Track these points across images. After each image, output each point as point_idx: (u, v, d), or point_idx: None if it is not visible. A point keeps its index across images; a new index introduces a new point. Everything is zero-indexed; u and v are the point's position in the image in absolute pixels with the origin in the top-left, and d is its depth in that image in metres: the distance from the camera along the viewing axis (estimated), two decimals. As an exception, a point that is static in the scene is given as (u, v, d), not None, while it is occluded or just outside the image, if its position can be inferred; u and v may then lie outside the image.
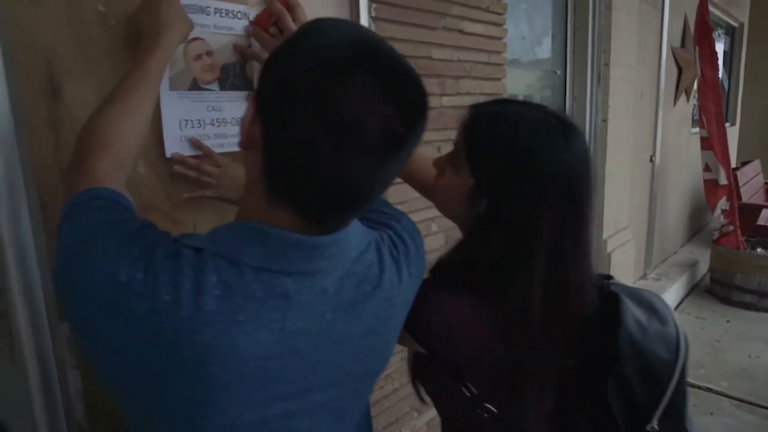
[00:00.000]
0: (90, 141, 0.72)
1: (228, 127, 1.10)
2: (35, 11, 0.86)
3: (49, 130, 0.89)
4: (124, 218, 0.60)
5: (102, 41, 0.94)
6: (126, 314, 0.51)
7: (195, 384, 0.52)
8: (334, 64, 0.51)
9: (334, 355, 0.62)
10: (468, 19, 1.68)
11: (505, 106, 0.78)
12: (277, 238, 0.55)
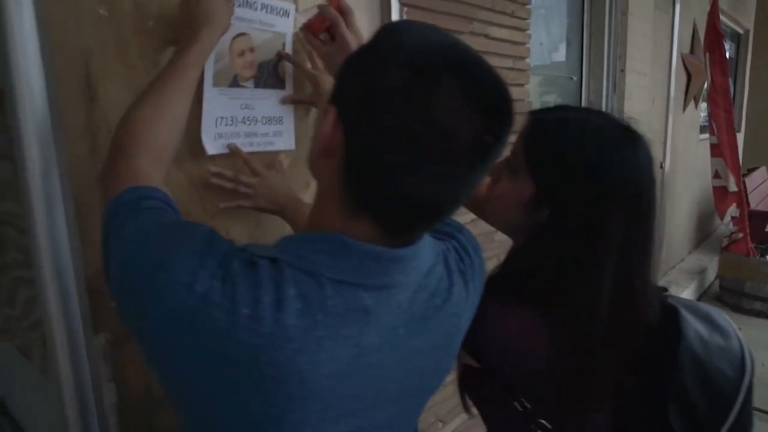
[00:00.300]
0: (128, 136, 0.70)
1: (258, 125, 1.07)
2: (73, 12, 0.84)
3: (85, 135, 0.87)
4: (185, 222, 0.58)
5: (139, 43, 0.92)
6: (204, 326, 0.48)
7: (272, 402, 0.50)
8: (425, 71, 0.49)
9: (403, 371, 0.60)
10: (494, 24, 1.66)
11: (569, 113, 0.76)
12: (357, 250, 0.53)
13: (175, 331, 0.49)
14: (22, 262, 0.91)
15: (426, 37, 0.52)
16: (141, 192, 0.61)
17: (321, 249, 0.53)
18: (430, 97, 0.48)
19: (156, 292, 0.50)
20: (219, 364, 0.49)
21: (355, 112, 0.51)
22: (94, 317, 0.88)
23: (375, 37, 0.55)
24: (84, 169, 0.86)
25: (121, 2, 0.88)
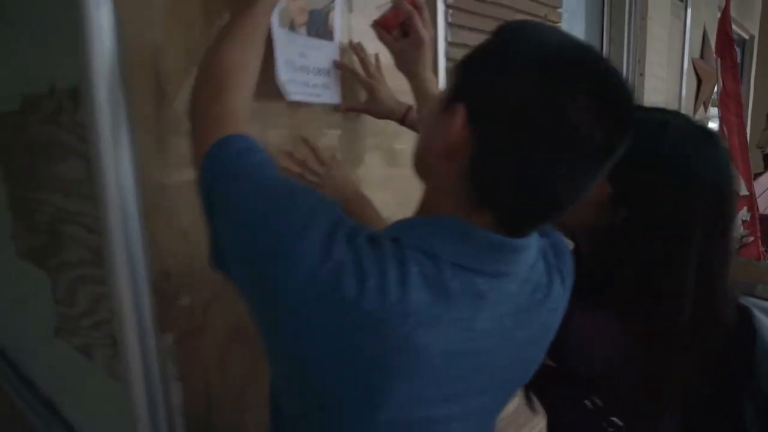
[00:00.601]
0: (221, 72, 0.71)
1: (310, 75, 1.05)
2: (145, 10, 0.84)
3: (153, 132, 0.87)
4: (305, 186, 0.58)
5: (207, 40, 0.92)
6: (335, 293, 0.49)
7: (385, 373, 0.51)
8: (559, 71, 0.50)
9: (506, 360, 0.61)
10: (529, 27, 1.67)
11: (647, 114, 0.76)
12: (477, 237, 0.54)
13: (306, 296, 0.49)
14: (89, 261, 0.91)
15: (555, 37, 0.53)
16: (247, 142, 0.62)
17: (441, 233, 0.54)
18: (564, 96, 0.49)
19: (287, 257, 0.50)
20: (344, 331, 0.50)
21: (488, 111, 0.52)
22: (160, 316, 0.88)
23: (500, 36, 0.55)
24: (152, 161, 0.86)
25: (190, 5, 0.89)
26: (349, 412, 0.54)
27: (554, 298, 0.63)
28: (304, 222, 0.52)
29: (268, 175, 0.59)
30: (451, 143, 0.53)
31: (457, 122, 0.52)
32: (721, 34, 3.97)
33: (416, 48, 0.93)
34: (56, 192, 0.96)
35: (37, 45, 0.93)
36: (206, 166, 0.61)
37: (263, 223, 0.53)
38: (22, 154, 1.06)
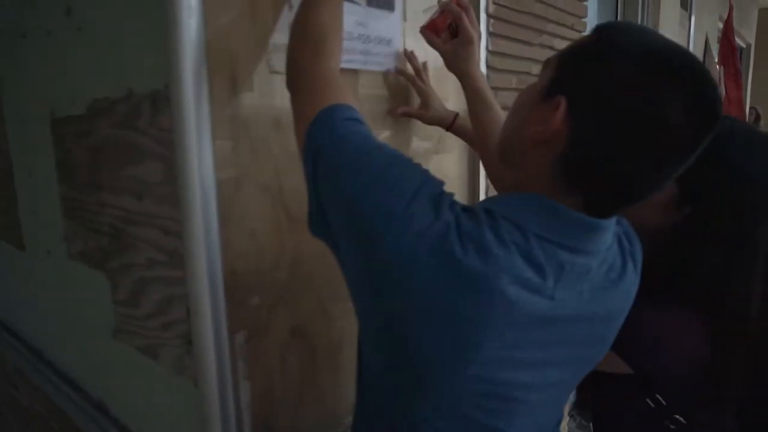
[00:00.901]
0: (318, 34, 0.75)
1: (371, 44, 1.07)
2: (223, 16, 0.86)
3: (229, 136, 0.89)
4: (407, 156, 0.62)
5: (278, 57, 0.94)
6: (444, 249, 0.53)
7: (479, 325, 0.55)
8: (657, 69, 0.54)
9: (581, 334, 0.64)
10: (558, 36, 1.71)
11: None
12: (563, 214, 0.58)
13: (417, 252, 0.53)
14: (161, 262, 0.93)
15: (652, 37, 0.57)
16: (351, 112, 0.66)
17: (530, 207, 0.59)
18: (661, 93, 0.53)
19: (401, 218, 0.54)
20: (447, 286, 0.53)
21: (588, 103, 0.56)
22: (232, 316, 0.90)
23: (601, 34, 0.59)
24: (227, 170, 0.89)
25: (264, 10, 0.91)
26: (440, 365, 0.57)
27: (627, 281, 0.67)
28: (415, 188, 0.56)
29: (376, 143, 0.62)
30: (550, 133, 0.57)
31: (558, 114, 0.56)
32: (724, 42, 4.05)
33: (466, 47, 0.97)
34: (124, 194, 0.98)
35: (109, 51, 0.95)
36: (314, 131, 0.64)
37: (377, 186, 0.56)
38: (83, 157, 1.08)
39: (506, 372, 0.59)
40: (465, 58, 0.98)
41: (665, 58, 0.55)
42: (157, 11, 0.81)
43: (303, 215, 1.00)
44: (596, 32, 0.61)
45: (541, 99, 0.60)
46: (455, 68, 1.01)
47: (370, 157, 0.59)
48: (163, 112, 0.85)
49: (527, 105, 0.63)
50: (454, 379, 0.58)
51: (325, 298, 1.09)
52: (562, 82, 0.59)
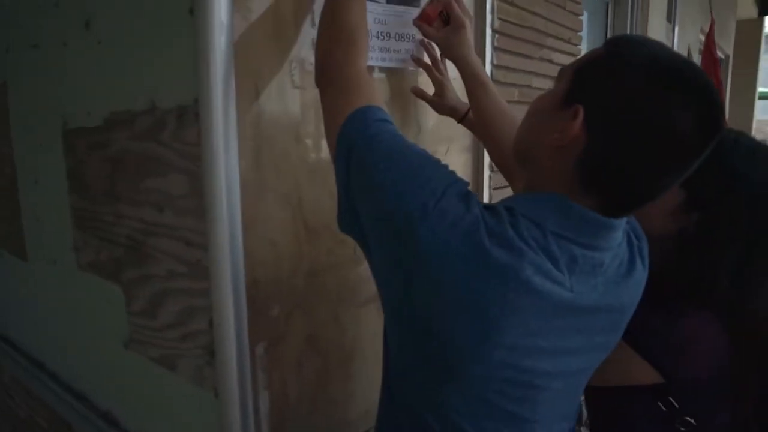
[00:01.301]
0: (347, 33, 0.78)
1: (391, 41, 1.09)
2: (250, 34, 0.88)
3: (252, 150, 0.91)
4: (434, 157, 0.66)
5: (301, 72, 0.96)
6: (474, 239, 0.57)
7: (506, 310, 0.59)
8: (668, 82, 0.59)
9: (597, 324, 0.69)
10: (557, 50, 1.76)
11: None
12: (578, 213, 0.63)
13: (450, 241, 0.57)
14: (182, 274, 0.93)
15: (662, 51, 0.62)
16: (383, 113, 0.69)
17: (548, 206, 0.63)
18: (671, 102, 0.58)
19: (434, 213, 0.58)
20: (480, 275, 0.58)
21: (604, 112, 0.60)
22: (253, 326, 0.91)
23: (614, 47, 0.64)
24: (250, 179, 0.90)
25: (286, 27, 0.93)
26: (470, 354, 0.61)
27: (637, 274, 0.72)
28: (444, 186, 0.60)
29: (407, 143, 0.66)
30: (569, 139, 0.62)
31: (577, 122, 0.61)
32: (706, 54, 4.15)
33: (459, 32, 1.01)
34: (143, 206, 0.99)
35: (130, 65, 0.96)
36: (347, 130, 0.67)
37: (411, 183, 0.60)
38: (98, 168, 1.08)
39: (530, 359, 0.64)
40: (459, 43, 1.02)
41: (673, 70, 0.60)
42: (184, 28, 0.83)
43: (320, 226, 1.04)
44: (608, 45, 0.65)
45: (560, 107, 0.64)
46: (451, 54, 1.05)
47: (402, 155, 0.63)
48: (188, 126, 0.86)
49: (545, 111, 0.67)
50: (482, 366, 0.62)
51: (338, 307, 1.11)
52: (579, 92, 0.63)
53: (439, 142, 1.33)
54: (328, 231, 1.05)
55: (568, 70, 0.67)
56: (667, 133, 0.59)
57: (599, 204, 0.64)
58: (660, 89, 0.59)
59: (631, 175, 0.62)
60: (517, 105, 1.53)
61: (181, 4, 0.82)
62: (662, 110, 0.58)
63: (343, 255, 1.10)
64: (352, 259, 1.12)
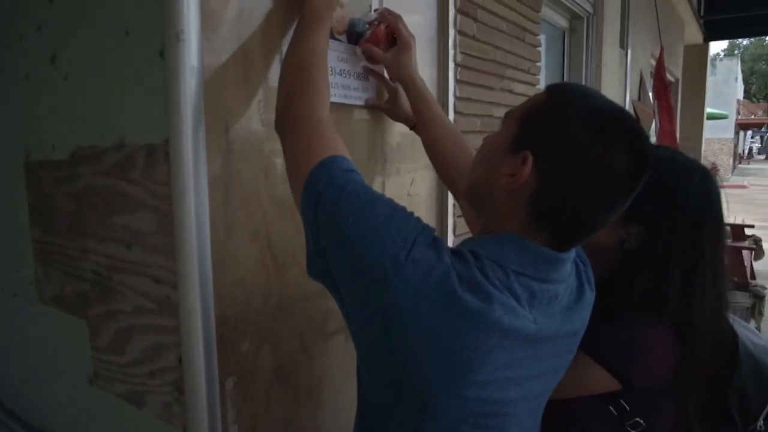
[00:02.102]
0: (306, 80, 0.81)
1: (351, 79, 1.13)
2: (220, 75, 0.90)
3: (221, 186, 0.92)
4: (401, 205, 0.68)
5: (269, 110, 0.98)
6: (445, 286, 0.61)
7: (478, 353, 0.63)
8: (606, 128, 0.66)
9: (555, 349, 0.73)
10: (517, 80, 1.83)
11: (658, 150, 0.90)
12: (536, 252, 0.68)
13: (424, 291, 0.60)
14: (150, 310, 0.93)
15: (597, 98, 0.70)
16: (348, 163, 0.71)
17: (508, 246, 0.68)
18: (609, 149, 0.65)
19: (408, 260, 0.61)
20: (453, 320, 0.61)
21: (550, 157, 0.66)
22: (223, 362, 0.92)
23: (555, 96, 0.71)
24: (218, 221, 0.91)
25: (256, 67, 0.95)
26: (445, 393, 0.64)
27: (586, 298, 0.78)
28: (415, 235, 0.63)
29: (375, 194, 0.68)
30: (520, 184, 0.67)
31: (527, 168, 0.66)
32: (657, 79, 4.35)
33: (406, 51, 1.06)
34: (110, 242, 0.98)
35: (98, 101, 0.96)
36: (314, 180, 0.69)
37: (382, 234, 0.62)
38: (63, 203, 1.07)
39: (500, 391, 0.67)
40: (406, 62, 1.07)
41: (609, 117, 0.67)
42: (155, 70, 0.84)
43: (288, 260, 1.05)
44: (550, 94, 0.72)
45: (509, 151, 0.70)
46: (398, 74, 1.09)
47: (371, 208, 0.65)
48: (158, 164, 0.87)
49: (496, 155, 0.72)
50: (456, 404, 0.65)
51: (307, 339, 1.12)
52: (526, 139, 0.69)
53: (405, 174, 1.37)
54: (296, 265, 1.07)
55: (515, 115, 0.73)
56: (608, 173, 0.65)
57: (551, 240, 0.69)
58: (600, 135, 0.65)
59: (579, 213, 0.68)
60: (480, 135, 1.59)
61: (152, 47, 0.83)
62: (603, 154, 0.65)
63: (311, 287, 1.11)
64: (319, 291, 1.12)
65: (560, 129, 0.67)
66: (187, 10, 0.80)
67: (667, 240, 0.86)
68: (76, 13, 0.97)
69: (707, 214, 0.87)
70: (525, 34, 1.88)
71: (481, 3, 1.63)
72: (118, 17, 0.89)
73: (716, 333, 0.87)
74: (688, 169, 0.89)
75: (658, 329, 0.85)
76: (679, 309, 0.85)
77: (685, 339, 0.84)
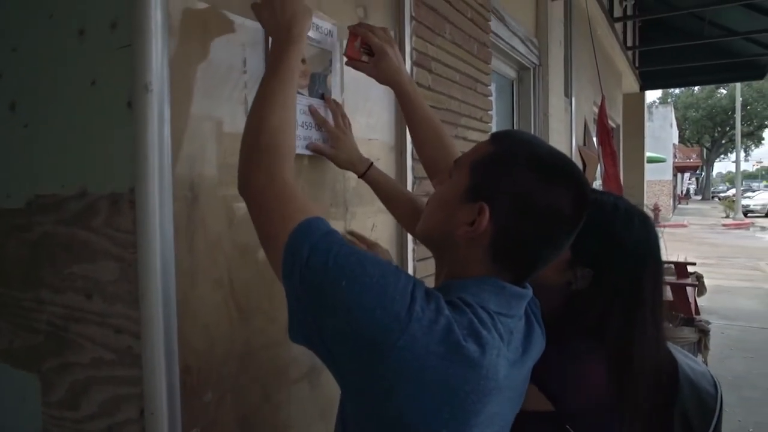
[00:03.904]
0: (273, 139, 0.75)
1: (312, 131, 1.16)
2: (187, 126, 0.92)
3: (186, 235, 0.92)
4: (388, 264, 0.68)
5: (234, 158, 1.00)
6: (450, 338, 0.63)
7: (479, 396, 0.66)
8: (549, 173, 0.72)
9: (521, 380, 0.77)
10: (470, 128, 1.91)
11: (602, 196, 0.96)
12: (509, 291, 0.73)
13: (430, 345, 0.62)
14: (111, 361, 0.91)
15: (542, 147, 0.75)
16: (326, 224, 0.69)
17: (487, 290, 0.72)
18: (556, 194, 0.72)
19: (409, 316, 0.62)
20: (458, 367, 0.64)
21: (506, 206, 0.71)
22: (186, 412, 0.90)
23: (501, 146, 0.76)
24: (183, 269, 0.91)
25: (222, 117, 0.97)
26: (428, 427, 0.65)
27: (537, 326, 0.82)
28: (410, 290, 0.64)
29: (361, 253, 0.66)
30: (478, 233, 0.72)
31: (484, 218, 0.71)
32: (600, 126, 4.60)
33: (383, 59, 1.08)
34: (68, 292, 0.96)
35: (60, 150, 0.96)
36: (294, 247, 0.65)
37: (379, 295, 0.62)
38: (17, 252, 1.05)
39: (490, 427, 0.71)
40: (386, 68, 1.10)
41: (552, 164, 0.73)
42: (122, 120, 0.85)
43: (252, 307, 1.05)
44: (496, 143, 0.77)
45: (464, 201, 0.74)
46: (382, 80, 1.12)
47: (362, 269, 0.63)
48: (123, 213, 0.86)
49: (450, 205, 0.76)
50: None
51: (271, 386, 1.11)
52: (479, 189, 0.73)
53: (365, 219, 1.40)
54: (259, 311, 1.07)
55: (464, 163, 0.77)
56: (557, 216, 0.72)
57: (512, 277, 0.74)
58: (546, 181, 0.71)
59: (534, 253, 0.74)
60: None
61: (120, 97, 0.85)
62: (550, 198, 0.71)
63: (276, 334, 1.11)
64: (284, 337, 1.12)
65: (511, 179, 0.72)
66: (156, 62, 0.82)
67: (612, 281, 0.92)
68: (40, 62, 0.97)
69: (647, 256, 0.93)
70: (477, 85, 1.98)
71: (436, 56, 1.72)
72: (86, 68, 0.90)
73: (657, 362, 0.92)
74: (629, 215, 0.95)
75: (594, 358, 0.89)
76: (619, 342, 0.89)
77: (624, 370, 0.88)
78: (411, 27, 1.60)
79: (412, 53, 1.59)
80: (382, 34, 1.10)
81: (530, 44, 3.01)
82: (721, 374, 1.14)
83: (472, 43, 1.99)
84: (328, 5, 1.20)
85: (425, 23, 1.67)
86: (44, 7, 0.95)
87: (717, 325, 4.72)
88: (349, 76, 1.32)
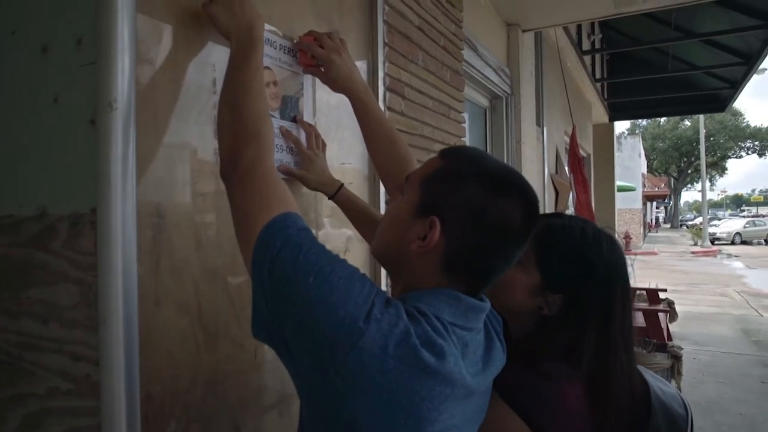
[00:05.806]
0: (251, 127, 0.79)
1: (284, 153, 1.15)
2: (152, 146, 0.90)
3: (151, 258, 0.89)
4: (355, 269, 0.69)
5: (206, 171, 0.98)
6: (407, 342, 0.64)
7: (436, 405, 0.66)
8: (499, 187, 0.73)
9: (480, 390, 0.76)
10: (444, 153, 1.92)
11: (570, 221, 0.97)
12: (464, 302, 0.73)
13: (388, 348, 0.62)
14: (68, 391, 0.86)
15: (491, 162, 0.77)
16: (302, 221, 0.71)
17: (443, 301, 0.72)
18: (506, 207, 0.73)
19: (371, 318, 0.63)
20: (413, 372, 0.64)
21: (457, 220, 0.72)
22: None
23: (451, 161, 0.76)
24: (146, 293, 0.87)
25: (190, 136, 0.96)
26: None
27: (498, 342, 0.82)
28: (373, 295, 0.65)
29: (331, 254, 0.68)
30: (431, 247, 0.72)
31: (435, 232, 0.72)
32: (572, 153, 4.69)
33: (330, 68, 1.10)
34: (24, 318, 0.91)
35: (18, 169, 0.92)
36: (268, 239, 0.67)
37: (345, 295, 0.63)
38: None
39: None
40: (335, 76, 1.11)
41: (501, 177, 0.75)
42: (84, 137, 0.82)
43: (220, 332, 1.02)
44: (445, 159, 0.77)
45: (415, 216, 0.74)
46: (336, 89, 1.14)
47: (331, 268, 0.65)
48: (84, 234, 0.83)
49: (403, 221, 0.76)
50: None
51: (239, 416, 1.07)
52: (430, 204, 0.74)
53: (338, 241, 1.38)
54: (227, 336, 1.03)
55: (415, 179, 0.78)
56: (507, 228, 0.73)
57: (467, 289, 0.74)
58: (495, 194, 0.72)
59: (484, 262, 0.74)
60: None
61: (82, 114, 0.82)
62: (499, 210, 0.72)
63: (244, 360, 1.07)
64: (253, 363, 1.10)
65: (461, 193, 0.73)
66: (122, 80, 0.80)
67: (582, 305, 0.91)
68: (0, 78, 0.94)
69: (616, 278, 0.94)
70: (450, 111, 2.00)
71: (408, 82, 1.74)
72: (49, 84, 0.88)
73: (630, 383, 0.91)
74: (597, 239, 0.95)
75: (571, 383, 0.88)
76: (593, 365, 0.88)
77: (600, 393, 0.87)
78: (384, 53, 1.61)
79: (385, 79, 1.60)
80: (329, 41, 1.12)
81: (502, 73, 3.07)
82: (694, 399, 1.14)
83: (445, 71, 2.02)
84: (301, 30, 1.20)
85: (398, 50, 1.69)
86: (6, 23, 0.92)
87: (689, 350, 4.77)
88: (322, 101, 1.32)
